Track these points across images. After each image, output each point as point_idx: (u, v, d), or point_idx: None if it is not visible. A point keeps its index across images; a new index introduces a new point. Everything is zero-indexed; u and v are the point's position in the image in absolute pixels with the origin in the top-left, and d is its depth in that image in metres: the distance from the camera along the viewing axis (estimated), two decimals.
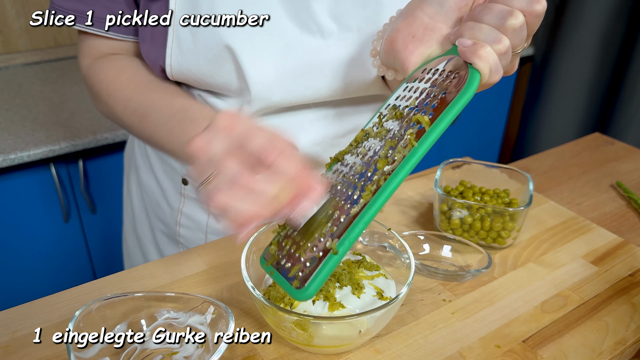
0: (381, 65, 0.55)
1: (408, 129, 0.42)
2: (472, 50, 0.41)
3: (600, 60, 1.81)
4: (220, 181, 0.41)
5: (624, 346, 0.52)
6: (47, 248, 1.34)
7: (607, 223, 0.74)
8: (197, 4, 0.58)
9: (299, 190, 0.41)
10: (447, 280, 0.60)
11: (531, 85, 2.01)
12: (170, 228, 0.78)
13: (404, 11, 0.49)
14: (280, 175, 0.41)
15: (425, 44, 0.46)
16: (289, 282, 0.42)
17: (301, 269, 0.42)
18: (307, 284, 0.40)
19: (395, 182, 0.40)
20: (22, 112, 1.33)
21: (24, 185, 1.24)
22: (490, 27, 0.42)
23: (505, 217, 0.63)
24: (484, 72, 0.41)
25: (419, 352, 0.50)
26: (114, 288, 0.57)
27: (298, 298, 0.41)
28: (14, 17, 1.54)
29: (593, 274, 0.62)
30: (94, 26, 0.64)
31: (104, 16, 0.63)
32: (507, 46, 0.42)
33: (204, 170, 0.43)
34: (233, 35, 0.58)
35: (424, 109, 0.42)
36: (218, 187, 0.41)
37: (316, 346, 0.48)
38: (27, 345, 0.50)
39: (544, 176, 0.86)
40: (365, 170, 0.43)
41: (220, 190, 0.41)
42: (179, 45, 0.60)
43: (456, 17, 0.46)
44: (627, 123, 1.76)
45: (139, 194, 0.82)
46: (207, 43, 0.59)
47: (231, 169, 0.41)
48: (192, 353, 0.47)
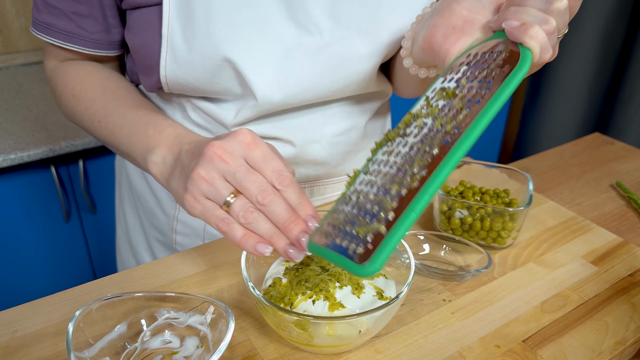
0: (413, 65, 0.55)
1: (465, 105, 0.41)
2: (522, 30, 0.41)
3: (600, 60, 1.81)
4: (245, 202, 0.46)
5: (624, 346, 0.52)
6: (47, 248, 1.34)
7: (607, 223, 0.74)
8: (192, 9, 0.57)
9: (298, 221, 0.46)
10: (447, 280, 0.60)
11: (531, 85, 2.01)
12: (165, 236, 0.77)
13: (438, 7, 0.50)
14: (283, 209, 0.46)
15: (467, 34, 0.47)
16: (349, 259, 0.40)
17: (362, 245, 0.40)
18: (372, 257, 0.38)
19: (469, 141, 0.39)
20: (22, 112, 1.33)
21: (24, 185, 1.24)
22: (536, 10, 0.42)
23: (505, 217, 0.63)
24: (535, 51, 0.41)
25: (419, 352, 0.51)
26: (114, 288, 0.57)
27: (362, 274, 0.38)
28: (14, 17, 1.54)
29: (593, 274, 0.62)
30: (60, 39, 0.64)
31: (70, 30, 0.64)
32: (554, 26, 0.42)
33: (215, 175, 0.46)
34: (230, 44, 0.58)
35: (479, 85, 0.42)
36: (248, 207, 0.46)
37: (316, 346, 0.48)
38: (27, 345, 0.50)
39: (543, 176, 0.86)
40: (421, 147, 0.42)
41: (249, 210, 0.46)
42: (174, 56, 0.59)
43: (493, 8, 0.47)
44: (627, 123, 1.76)
45: (131, 202, 0.81)
46: (204, 52, 0.58)
47: (259, 180, 0.46)
48: (192, 353, 0.47)
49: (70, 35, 0.64)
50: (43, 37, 0.64)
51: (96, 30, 0.64)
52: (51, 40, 0.64)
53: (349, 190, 0.45)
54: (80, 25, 0.63)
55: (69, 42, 0.64)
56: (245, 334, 0.52)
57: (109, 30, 0.64)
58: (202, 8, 0.57)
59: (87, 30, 0.64)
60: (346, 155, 0.70)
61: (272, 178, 0.46)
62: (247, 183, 0.46)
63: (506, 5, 0.45)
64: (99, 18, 0.63)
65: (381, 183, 0.42)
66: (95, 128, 0.63)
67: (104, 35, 0.64)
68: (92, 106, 0.63)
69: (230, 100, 0.64)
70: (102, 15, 0.63)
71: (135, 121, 0.59)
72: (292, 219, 0.46)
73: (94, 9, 0.62)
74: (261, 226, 0.46)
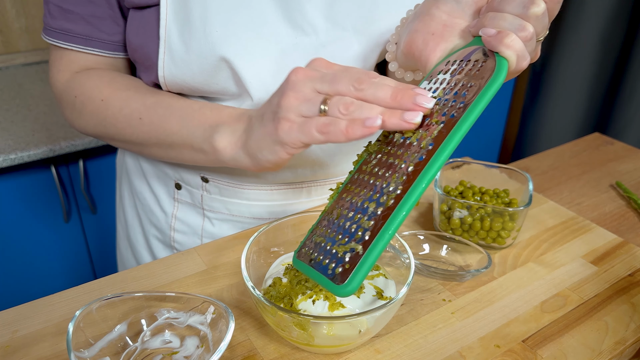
0: (399, 69, 0.55)
1: (440, 120, 0.41)
2: (498, 39, 0.41)
3: (600, 60, 1.81)
4: (339, 99, 0.42)
5: (624, 346, 0.52)
6: (47, 248, 1.34)
7: (606, 223, 0.74)
8: (189, 10, 0.57)
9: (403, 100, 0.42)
10: (447, 280, 0.60)
11: (531, 85, 2.01)
12: (164, 234, 0.77)
13: (419, 11, 0.49)
14: (386, 86, 0.42)
15: (446, 40, 0.47)
16: (329, 279, 0.41)
17: (340, 264, 0.40)
18: (349, 278, 0.39)
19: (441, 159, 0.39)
20: (22, 112, 1.33)
21: (24, 185, 1.24)
22: (513, 16, 0.42)
23: (505, 217, 0.63)
24: (512, 60, 0.41)
25: (419, 352, 0.51)
26: (114, 288, 0.57)
27: (340, 294, 0.40)
28: (14, 17, 1.54)
29: (593, 273, 0.62)
30: (78, 44, 0.63)
31: (89, 34, 0.63)
32: (531, 33, 0.42)
33: (306, 90, 0.44)
34: (227, 45, 0.58)
35: (454, 98, 0.42)
36: (343, 101, 0.42)
37: (316, 346, 0.48)
38: (27, 345, 0.50)
39: (543, 176, 0.86)
40: (398, 163, 0.42)
41: (347, 102, 0.42)
42: (171, 57, 0.59)
43: (473, 11, 0.46)
44: (627, 123, 1.76)
45: (131, 200, 0.81)
46: (201, 53, 0.58)
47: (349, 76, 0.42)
48: (192, 353, 0.47)
49: (89, 39, 0.63)
50: (60, 44, 0.63)
51: (114, 32, 0.63)
52: (69, 45, 0.63)
53: (329, 206, 0.46)
54: (99, 28, 0.63)
55: (89, 46, 0.63)
56: (245, 334, 0.52)
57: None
58: (199, 9, 0.57)
59: (106, 33, 0.63)
60: (344, 155, 0.70)
61: (360, 75, 0.43)
62: (339, 81, 0.43)
63: (485, 10, 0.45)
64: (118, 19, 0.63)
65: (359, 200, 0.43)
66: (134, 127, 0.61)
67: (122, 37, 0.64)
68: (129, 105, 0.61)
69: (227, 100, 0.64)
70: (120, 16, 0.63)
71: (185, 108, 0.58)
72: (397, 91, 0.42)
73: (112, 10, 0.62)
74: (365, 110, 0.42)
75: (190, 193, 0.72)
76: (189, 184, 0.72)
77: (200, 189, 0.71)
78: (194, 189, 0.72)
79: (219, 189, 0.70)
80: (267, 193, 0.70)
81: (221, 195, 0.71)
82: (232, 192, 0.70)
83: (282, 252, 0.57)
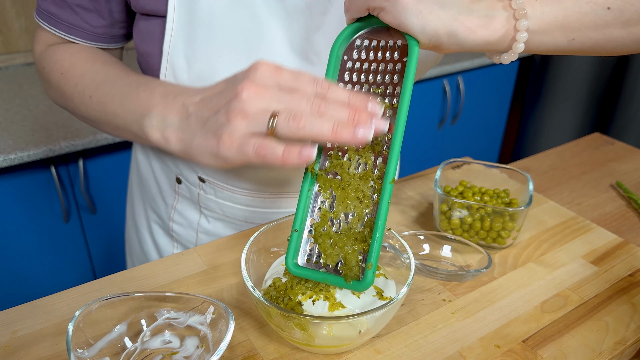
0: None
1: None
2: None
3: (600, 60, 1.81)
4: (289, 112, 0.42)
5: (624, 346, 0.52)
6: (47, 248, 1.34)
7: (607, 223, 0.74)
8: (195, 30, 0.57)
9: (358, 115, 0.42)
10: (447, 280, 0.60)
11: (531, 85, 2.02)
12: (164, 222, 0.79)
13: None
14: (340, 103, 0.43)
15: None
16: (343, 279, 0.47)
17: (352, 264, 0.47)
18: (365, 274, 0.45)
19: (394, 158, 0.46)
20: (22, 112, 1.33)
21: (24, 185, 1.24)
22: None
23: (505, 217, 0.63)
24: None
25: (419, 352, 0.51)
26: (114, 288, 0.57)
27: (359, 289, 0.46)
28: (14, 17, 1.54)
29: (593, 274, 0.62)
30: (61, 30, 0.63)
31: (73, 22, 0.63)
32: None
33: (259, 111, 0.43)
34: (229, 70, 0.57)
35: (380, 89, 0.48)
36: (293, 114, 0.42)
37: (316, 346, 0.48)
38: (27, 345, 0.50)
39: (544, 176, 0.86)
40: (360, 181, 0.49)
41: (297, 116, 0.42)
42: (173, 74, 0.59)
43: None
44: (627, 123, 1.76)
45: (138, 184, 0.82)
46: (202, 74, 0.58)
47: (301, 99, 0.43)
48: (192, 353, 0.47)
49: (72, 27, 0.63)
50: (45, 26, 0.63)
51: (100, 25, 0.63)
52: (53, 30, 0.63)
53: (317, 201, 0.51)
54: (84, 19, 0.63)
55: (71, 34, 0.63)
56: (245, 334, 0.52)
57: (113, 25, 0.64)
58: (204, 30, 0.57)
59: (91, 24, 0.63)
60: None
61: (311, 89, 0.43)
62: (294, 103, 0.42)
63: None
64: (104, 13, 0.63)
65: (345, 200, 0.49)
66: (86, 105, 0.59)
67: (107, 29, 0.64)
68: (82, 81, 0.60)
69: None
70: (107, 10, 0.62)
71: (125, 87, 0.55)
72: (354, 111, 0.42)
73: (99, 4, 0.62)
74: (316, 126, 0.41)
75: (189, 189, 0.73)
76: (187, 180, 0.72)
77: (198, 187, 0.72)
78: (192, 186, 0.72)
79: (214, 191, 0.71)
80: (261, 200, 0.71)
81: (216, 197, 0.71)
82: (227, 196, 0.70)
83: (282, 252, 0.57)
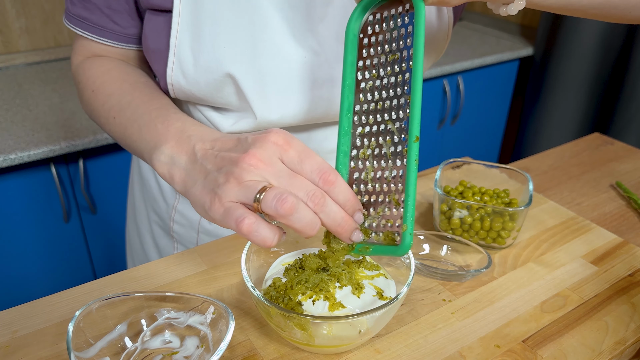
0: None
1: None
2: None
3: (600, 60, 1.81)
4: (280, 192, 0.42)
5: (624, 346, 0.52)
6: (47, 248, 1.34)
7: (607, 223, 0.74)
8: (201, 23, 0.57)
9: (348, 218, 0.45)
10: (447, 280, 0.60)
11: (531, 85, 2.01)
12: (164, 222, 0.79)
13: None
14: (337, 205, 0.45)
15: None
16: (384, 246, 0.47)
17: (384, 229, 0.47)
18: (402, 237, 0.45)
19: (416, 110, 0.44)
20: (22, 112, 1.33)
21: (24, 185, 1.24)
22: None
23: (505, 217, 0.63)
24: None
25: (419, 352, 0.51)
26: (114, 288, 0.57)
27: (399, 253, 0.45)
28: (14, 17, 1.54)
29: (593, 274, 0.62)
30: (93, 34, 0.64)
31: (104, 24, 0.64)
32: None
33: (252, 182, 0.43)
34: (234, 62, 0.58)
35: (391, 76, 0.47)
36: (281, 196, 0.41)
37: (316, 346, 0.48)
38: (27, 345, 0.50)
39: (543, 176, 0.86)
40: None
41: (286, 198, 0.41)
42: (180, 67, 0.59)
43: None
44: (627, 123, 1.76)
45: (140, 184, 0.83)
46: (208, 67, 0.58)
47: (300, 187, 0.43)
48: (192, 353, 0.47)
49: (104, 29, 0.64)
50: (77, 31, 0.64)
51: (129, 25, 0.64)
52: (85, 33, 0.64)
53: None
54: (114, 20, 0.63)
55: (103, 37, 0.64)
56: (245, 334, 0.52)
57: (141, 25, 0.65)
58: (210, 23, 0.57)
59: (121, 25, 0.64)
60: None
61: (314, 178, 0.44)
62: (293, 189, 0.43)
63: None
64: (132, 13, 0.63)
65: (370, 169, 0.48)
66: (110, 125, 0.60)
67: (137, 30, 0.65)
68: (109, 101, 0.61)
69: (233, 112, 0.64)
70: (135, 10, 0.63)
71: (145, 115, 0.56)
72: (345, 219, 0.45)
73: (127, 4, 0.62)
74: (300, 215, 0.42)
75: None
76: None
77: None
78: None
79: None
80: None
81: None
82: None
83: (282, 252, 0.57)
